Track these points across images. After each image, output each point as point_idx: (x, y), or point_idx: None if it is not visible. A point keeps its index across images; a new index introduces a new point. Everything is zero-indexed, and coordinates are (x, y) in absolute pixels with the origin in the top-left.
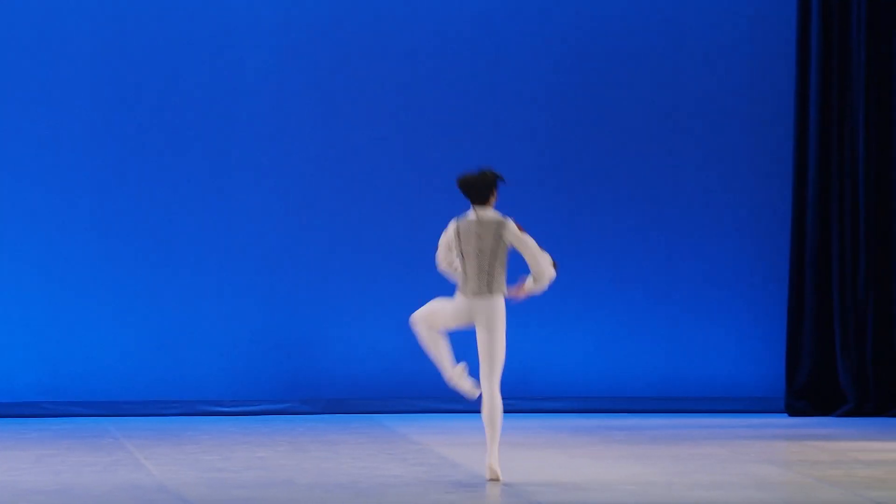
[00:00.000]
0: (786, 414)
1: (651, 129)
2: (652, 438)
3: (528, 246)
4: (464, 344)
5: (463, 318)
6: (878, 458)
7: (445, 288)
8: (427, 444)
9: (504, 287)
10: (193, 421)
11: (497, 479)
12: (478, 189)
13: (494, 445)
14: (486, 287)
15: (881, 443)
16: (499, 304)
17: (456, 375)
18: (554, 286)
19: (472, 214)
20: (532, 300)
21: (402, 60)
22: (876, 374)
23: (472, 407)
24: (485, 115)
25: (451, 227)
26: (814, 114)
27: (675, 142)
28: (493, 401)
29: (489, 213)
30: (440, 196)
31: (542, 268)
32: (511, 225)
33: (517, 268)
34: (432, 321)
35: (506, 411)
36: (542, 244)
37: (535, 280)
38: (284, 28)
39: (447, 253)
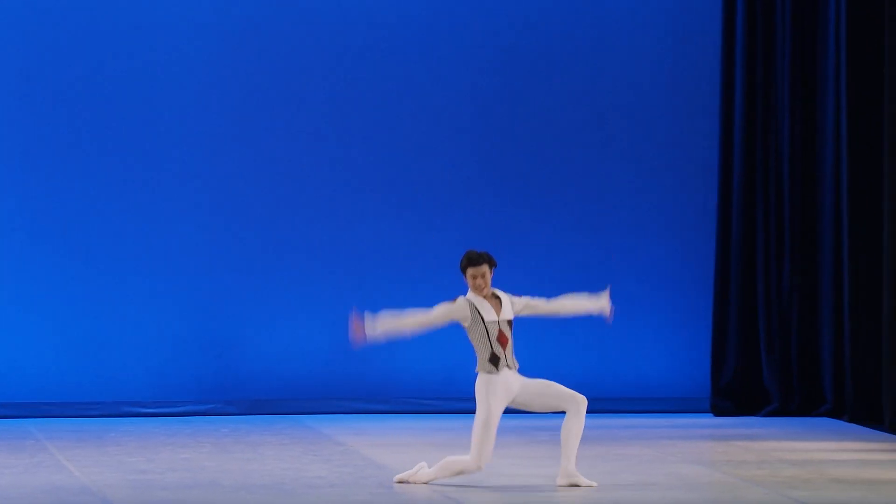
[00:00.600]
0: (711, 414)
1: (577, 131)
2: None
3: None
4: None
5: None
6: (803, 457)
7: (369, 287)
8: (352, 445)
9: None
10: (116, 422)
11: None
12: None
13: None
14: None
15: (805, 442)
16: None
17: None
18: None
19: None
20: None
21: (328, 61)
22: (800, 373)
23: (396, 408)
24: (411, 116)
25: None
26: (738, 116)
27: (601, 144)
28: None
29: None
30: (365, 196)
31: None
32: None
33: None
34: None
35: (430, 412)
36: (471, 245)
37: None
38: (203, 31)
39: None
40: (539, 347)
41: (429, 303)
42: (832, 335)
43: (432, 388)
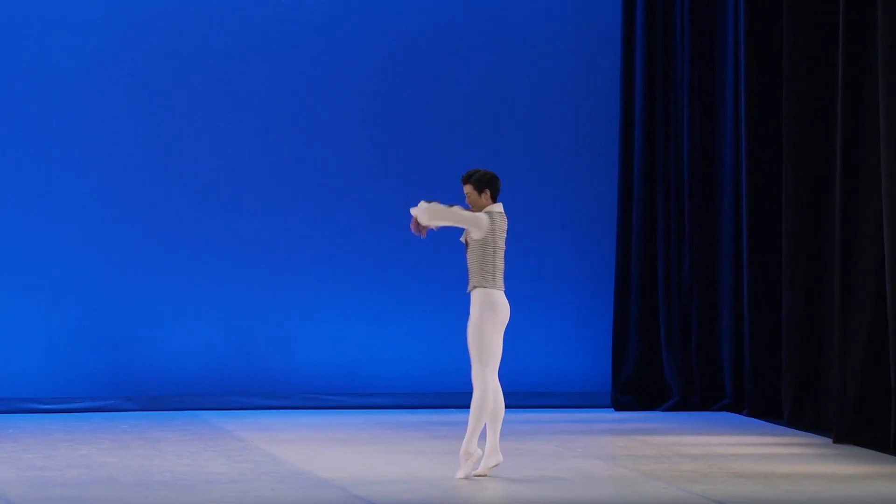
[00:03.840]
0: (612, 409)
1: (477, 128)
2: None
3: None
4: None
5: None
6: (703, 451)
7: (266, 282)
8: (251, 440)
9: None
10: (14, 419)
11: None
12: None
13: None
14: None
15: (705, 437)
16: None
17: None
18: (379, 282)
19: (499, 208)
20: (358, 297)
21: (219, 56)
22: (700, 368)
23: (296, 403)
24: (305, 111)
25: (486, 218)
26: (638, 113)
27: (501, 141)
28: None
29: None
30: (260, 192)
31: None
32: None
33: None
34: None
35: (330, 407)
36: (364, 241)
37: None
38: (88, 25)
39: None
40: (440, 341)
41: (325, 294)
42: (732, 331)
43: (332, 383)
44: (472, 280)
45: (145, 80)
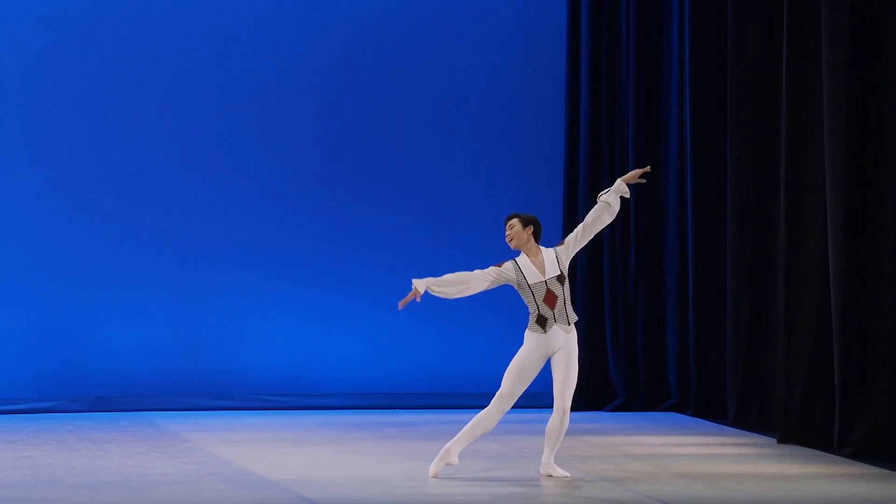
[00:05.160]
0: None
1: (424, 128)
2: (425, 434)
3: None
4: None
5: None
6: (648, 451)
7: (212, 283)
8: (197, 441)
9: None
10: None
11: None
12: None
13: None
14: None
15: (651, 437)
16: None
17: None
18: (326, 281)
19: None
20: (304, 297)
21: (177, 59)
22: (646, 369)
23: (241, 404)
24: (259, 112)
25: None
26: (584, 115)
27: (448, 140)
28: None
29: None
30: (203, 194)
31: None
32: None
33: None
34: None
35: (275, 408)
36: (310, 242)
37: None
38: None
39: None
40: (385, 342)
41: (271, 294)
42: (677, 332)
43: (278, 383)
44: (573, 315)
45: (94, 82)
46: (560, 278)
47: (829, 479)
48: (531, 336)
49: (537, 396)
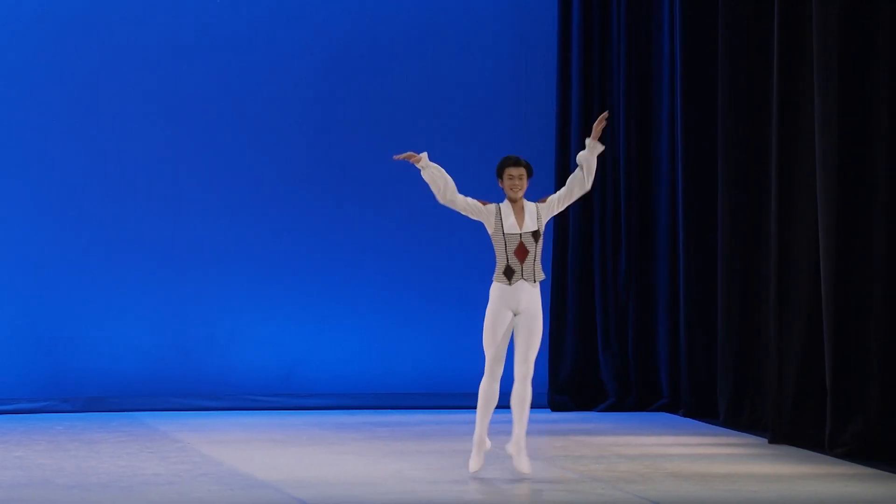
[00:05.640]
0: (549, 409)
1: (416, 128)
2: (416, 434)
3: None
4: None
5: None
6: (639, 452)
7: (202, 283)
8: (188, 441)
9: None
10: None
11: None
12: None
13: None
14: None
15: (642, 437)
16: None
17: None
18: (317, 282)
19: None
20: (294, 297)
21: (162, 58)
22: (637, 369)
23: (232, 405)
24: (247, 112)
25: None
26: (575, 113)
27: (438, 140)
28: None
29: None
30: (194, 194)
31: None
32: None
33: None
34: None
35: (266, 408)
36: (301, 242)
37: None
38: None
39: None
40: (376, 341)
41: (261, 294)
42: (668, 331)
43: (268, 384)
44: (540, 273)
45: (83, 83)
46: (535, 234)
47: (820, 480)
48: (495, 287)
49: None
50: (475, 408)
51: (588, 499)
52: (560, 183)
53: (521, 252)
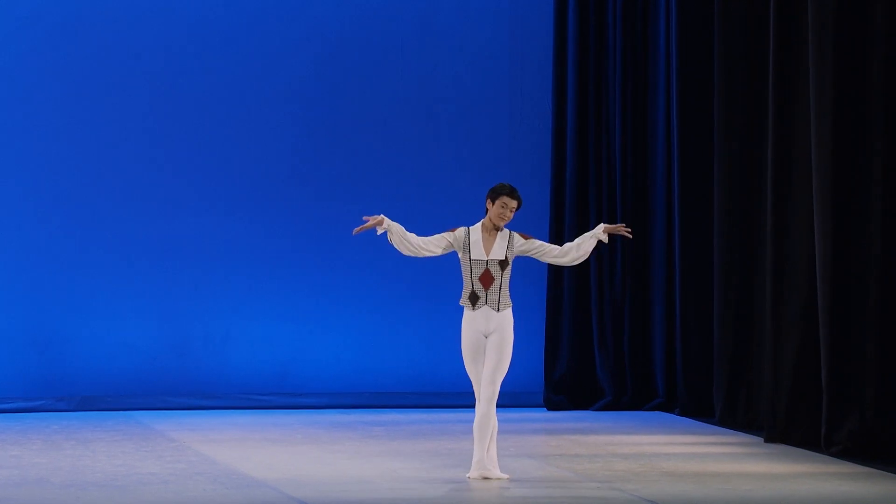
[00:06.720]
0: (544, 408)
1: (410, 127)
2: (410, 434)
3: None
4: None
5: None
6: (635, 451)
7: (196, 282)
8: (184, 440)
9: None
10: None
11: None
12: None
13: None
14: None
15: (638, 436)
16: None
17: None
18: (312, 281)
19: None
20: (290, 296)
21: (156, 57)
22: (632, 368)
23: (227, 404)
24: (241, 113)
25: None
26: (571, 115)
27: (433, 140)
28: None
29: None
30: (189, 193)
31: None
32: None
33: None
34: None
35: (261, 407)
36: (295, 241)
37: None
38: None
39: None
40: (371, 341)
41: (256, 293)
42: (664, 330)
43: (264, 383)
44: (506, 301)
45: (76, 82)
46: (502, 263)
47: (816, 478)
48: (464, 313)
49: (524, 396)
50: (469, 406)
51: (584, 498)
52: (555, 180)
53: (487, 279)
